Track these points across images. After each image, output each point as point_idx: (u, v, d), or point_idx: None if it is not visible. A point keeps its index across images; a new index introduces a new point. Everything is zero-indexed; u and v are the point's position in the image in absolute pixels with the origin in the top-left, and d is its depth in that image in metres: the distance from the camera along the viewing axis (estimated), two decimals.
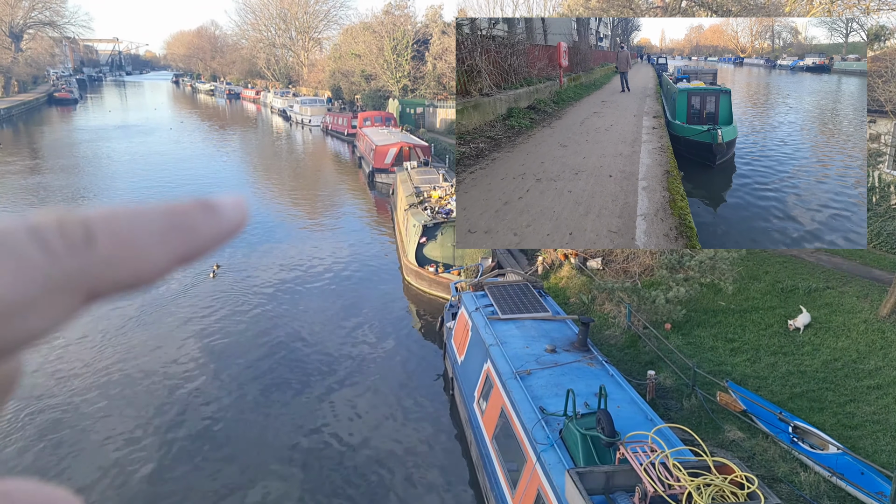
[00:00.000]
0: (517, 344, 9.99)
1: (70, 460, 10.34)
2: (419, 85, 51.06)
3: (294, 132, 57.25)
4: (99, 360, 13.59)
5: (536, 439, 7.53)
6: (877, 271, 15.18)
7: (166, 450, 10.62)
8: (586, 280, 15.79)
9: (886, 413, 9.99)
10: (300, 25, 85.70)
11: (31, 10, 79.85)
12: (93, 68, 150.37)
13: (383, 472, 10.18)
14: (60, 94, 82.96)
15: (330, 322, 15.76)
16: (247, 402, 12.09)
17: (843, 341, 12.14)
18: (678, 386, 11.25)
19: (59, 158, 40.70)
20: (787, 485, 8.54)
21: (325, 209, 28.99)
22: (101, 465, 10.16)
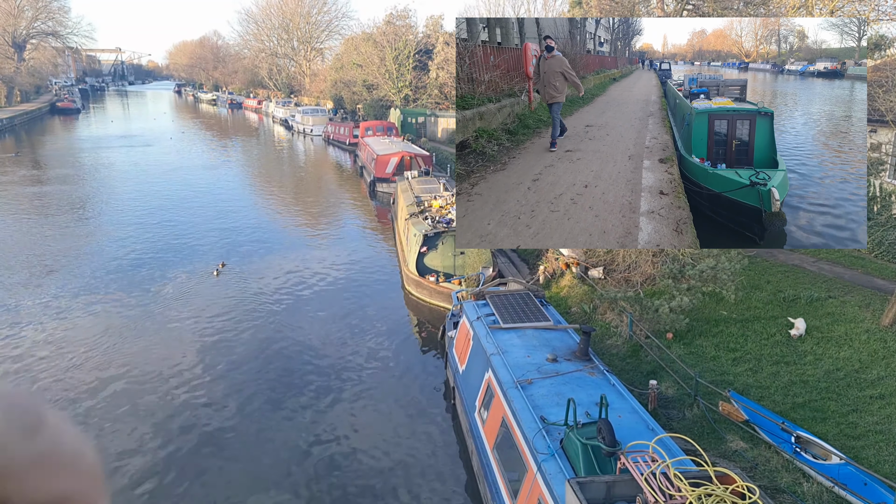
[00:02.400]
0: (518, 353, 9.97)
1: None
2: (421, 94, 51.27)
3: (296, 142, 57.44)
4: (96, 367, 13.57)
5: (537, 449, 7.50)
6: (879, 280, 15.16)
7: (164, 461, 10.57)
8: (588, 289, 15.77)
9: (889, 423, 9.94)
10: (302, 35, 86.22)
11: (34, 20, 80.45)
12: (95, 78, 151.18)
13: (384, 482, 10.13)
14: (63, 104, 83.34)
15: (331, 331, 15.74)
16: (247, 412, 12.06)
17: (845, 351, 12.10)
18: (680, 396, 11.21)
19: (61, 168, 40.84)
20: (790, 495, 8.48)
21: (326, 218, 29.03)
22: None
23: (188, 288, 18.48)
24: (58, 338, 15.06)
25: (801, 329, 12.73)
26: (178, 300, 17.53)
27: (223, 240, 23.48)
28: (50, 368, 13.50)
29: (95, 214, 28.62)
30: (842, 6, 20.53)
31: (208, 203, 30.22)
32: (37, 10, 79.82)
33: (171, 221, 26.45)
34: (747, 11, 23.09)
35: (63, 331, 15.48)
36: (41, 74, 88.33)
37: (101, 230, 25.36)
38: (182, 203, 30.19)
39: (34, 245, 22.98)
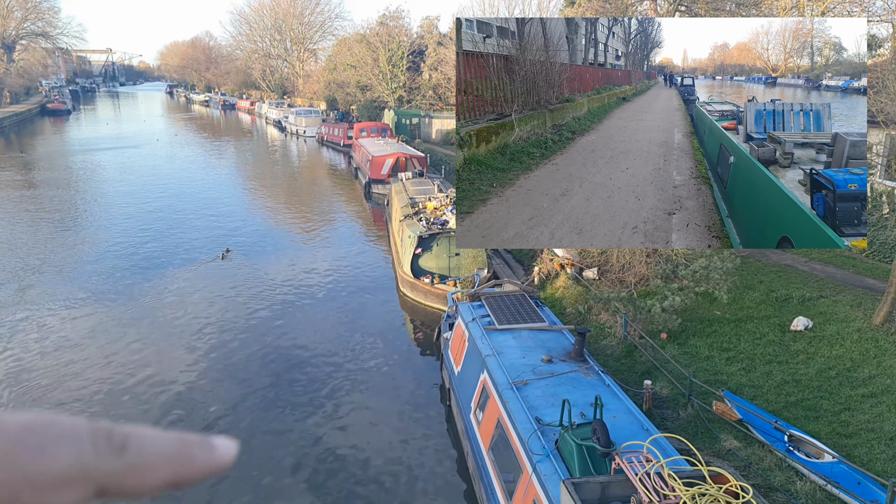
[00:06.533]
0: (513, 354, 10.00)
1: None
2: (415, 96, 51.29)
3: (289, 143, 57.33)
4: (87, 367, 13.51)
5: (532, 450, 7.53)
6: (870, 280, 15.29)
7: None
8: (582, 290, 15.84)
9: (881, 421, 10.03)
10: (295, 36, 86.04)
11: (24, 21, 79.91)
12: (86, 79, 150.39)
13: (379, 483, 10.14)
14: (53, 105, 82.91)
15: (325, 333, 15.73)
16: (241, 415, 12.04)
17: (837, 350, 12.20)
18: (674, 395, 11.27)
19: (52, 171, 40.63)
20: (784, 494, 8.55)
21: (321, 220, 29.00)
22: None
23: (183, 288, 18.41)
24: (51, 341, 14.99)
25: (803, 325, 12.96)
26: (171, 301, 17.46)
27: (217, 243, 23.40)
28: (46, 367, 13.43)
29: (83, 219, 28.48)
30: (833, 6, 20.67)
31: (201, 206, 30.13)
32: (26, 10, 79.27)
33: (163, 226, 26.36)
34: (738, 12, 23.23)
35: (54, 336, 15.42)
36: (31, 75, 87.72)
37: (89, 235, 25.24)
38: (174, 207, 30.08)
39: (18, 249, 22.85)
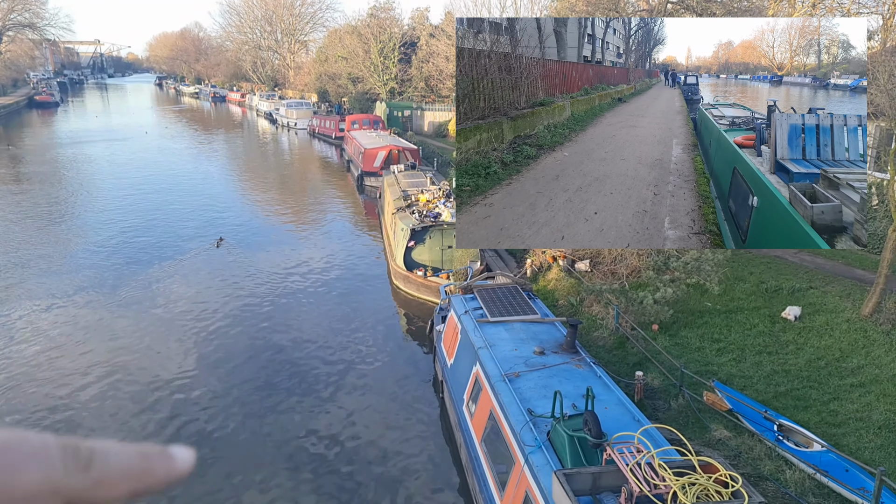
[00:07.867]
0: (506, 346, 10.03)
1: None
2: (406, 88, 51.08)
3: (280, 136, 57.02)
4: (78, 366, 13.45)
5: (524, 441, 7.57)
6: (859, 271, 15.42)
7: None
8: (574, 282, 15.88)
9: (869, 410, 10.15)
10: (286, 28, 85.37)
11: (10, 12, 78.80)
12: (74, 71, 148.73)
13: (372, 475, 10.17)
14: (41, 98, 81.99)
15: (318, 327, 15.71)
16: (234, 408, 12.03)
17: (826, 340, 12.32)
18: (666, 386, 11.35)
19: (40, 164, 40.23)
20: (773, 482, 8.64)
21: (313, 213, 28.90)
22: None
23: (174, 280, 18.33)
24: (41, 335, 14.90)
25: (793, 314, 13.09)
26: (161, 293, 17.38)
27: (208, 236, 23.28)
28: (40, 364, 13.35)
29: (71, 213, 28.25)
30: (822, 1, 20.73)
31: (192, 199, 29.94)
32: (13, 1, 78.21)
33: (152, 219, 26.19)
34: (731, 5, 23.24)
35: (43, 331, 15.32)
36: (18, 67, 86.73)
37: (78, 229, 25.05)
38: (163, 200, 29.89)
39: (6, 243, 22.65)
